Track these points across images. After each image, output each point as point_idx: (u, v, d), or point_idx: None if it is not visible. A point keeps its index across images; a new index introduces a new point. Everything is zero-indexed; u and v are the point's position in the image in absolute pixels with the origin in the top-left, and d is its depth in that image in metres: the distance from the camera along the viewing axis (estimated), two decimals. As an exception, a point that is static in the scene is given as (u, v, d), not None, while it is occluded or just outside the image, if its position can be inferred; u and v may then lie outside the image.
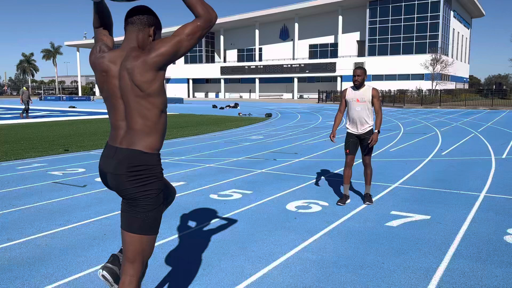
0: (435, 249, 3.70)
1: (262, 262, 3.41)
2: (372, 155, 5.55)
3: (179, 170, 7.30)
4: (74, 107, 32.61)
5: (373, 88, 4.99)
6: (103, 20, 2.10)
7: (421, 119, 20.03)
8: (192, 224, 4.40)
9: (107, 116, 22.47)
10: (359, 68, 4.92)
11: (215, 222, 4.46)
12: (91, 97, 56.91)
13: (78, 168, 7.56)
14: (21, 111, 20.26)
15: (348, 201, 5.21)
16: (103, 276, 2.15)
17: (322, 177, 6.75)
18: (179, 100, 46.32)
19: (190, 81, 72.12)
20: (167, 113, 20.52)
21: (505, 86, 70.81)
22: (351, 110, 5.09)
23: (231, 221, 4.49)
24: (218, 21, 65.51)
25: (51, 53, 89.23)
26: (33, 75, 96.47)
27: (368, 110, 5.02)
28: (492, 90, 45.06)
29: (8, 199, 5.36)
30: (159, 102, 1.90)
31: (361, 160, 7.38)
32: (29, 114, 20.29)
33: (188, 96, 71.88)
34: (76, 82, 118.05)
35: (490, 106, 32.15)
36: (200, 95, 73.73)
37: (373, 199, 5.33)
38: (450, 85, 55.26)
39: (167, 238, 3.96)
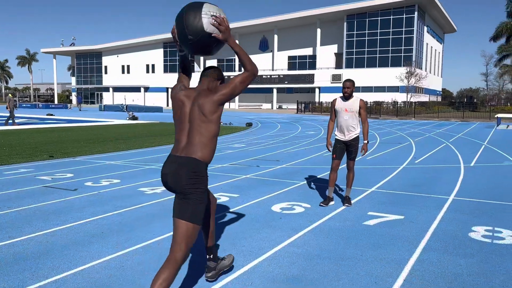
0: (407, 243, 4.09)
1: (253, 255, 3.73)
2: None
3: (166, 176, 7.54)
4: (52, 114, 32.24)
5: (361, 100, 5.40)
6: (185, 66, 2.96)
7: (396, 130, 20.76)
8: (184, 223, 4.67)
9: (87, 124, 22.44)
10: (349, 81, 5.32)
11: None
12: (68, 105, 56.03)
13: (66, 173, 7.72)
14: (6, 118, 20.13)
15: (332, 203, 5.58)
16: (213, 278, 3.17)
17: (304, 182, 7.12)
18: (159, 109, 46.31)
19: (169, 90, 72.01)
20: (152, 122, 20.66)
21: (476, 99, 73.39)
22: (339, 119, 5.48)
23: (221, 221, 4.79)
24: (198, 31, 65.81)
25: (27, 60, 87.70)
26: (7, 82, 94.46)
27: (355, 119, 5.42)
28: (464, 103, 46.73)
29: (1, 201, 5.52)
30: (215, 128, 2.66)
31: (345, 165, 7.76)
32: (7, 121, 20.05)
33: (167, 105, 71.72)
34: (52, 89, 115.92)
35: (461, 118, 33.40)
36: (179, 104, 73.56)
37: (352, 202, 5.72)
38: (424, 98, 56.97)
39: (166, 234, 4.24)
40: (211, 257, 3.19)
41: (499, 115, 26.08)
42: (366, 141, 5.43)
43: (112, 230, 4.39)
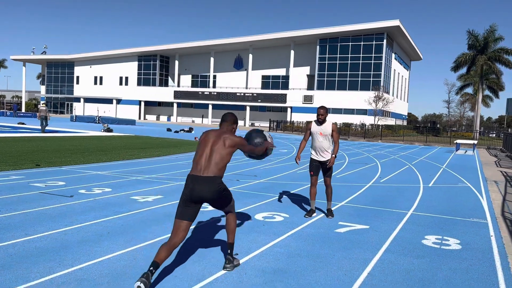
0: (371, 247, 4.88)
1: (244, 253, 4.41)
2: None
3: (154, 186, 8.13)
4: (23, 123, 31.88)
5: (333, 124, 6.18)
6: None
7: (364, 151, 21.93)
8: (179, 227, 5.30)
9: (63, 134, 22.50)
10: (322, 108, 6.11)
11: (201, 226, 5.40)
12: (37, 113, 54.77)
13: (57, 181, 8.16)
14: (44, 126, 22.25)
15: (314, 214, 6.31)
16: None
17: (281, 195, 7.87)
18: (132, 122, 46.29)
19: (142, 103, 71.94)
20: (121, 134, 20.86)
21: (439, 125, 76.88)
22: (314, 141, 6.25)
23: (212, 226, 5.44)
24: (174, 46, 66.58)
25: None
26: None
27: (328, 141, 6.19)
28: (427, 128, 49.14)
29: (6, 205, 5.98)
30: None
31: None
32: None
33: (139, 118, 71.44)
34: (18, 97, 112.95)
35: (424, 142, 35.25)
36: (151, 118, 73.50)
37: (323, 214, 6.48)
38: (391, 121, 59.40)
39: (162, 236, 4.85)
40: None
41: (458, 141, 27.82)
42: (334, 155, 6.16)
43: (116, 231, 4.97)
